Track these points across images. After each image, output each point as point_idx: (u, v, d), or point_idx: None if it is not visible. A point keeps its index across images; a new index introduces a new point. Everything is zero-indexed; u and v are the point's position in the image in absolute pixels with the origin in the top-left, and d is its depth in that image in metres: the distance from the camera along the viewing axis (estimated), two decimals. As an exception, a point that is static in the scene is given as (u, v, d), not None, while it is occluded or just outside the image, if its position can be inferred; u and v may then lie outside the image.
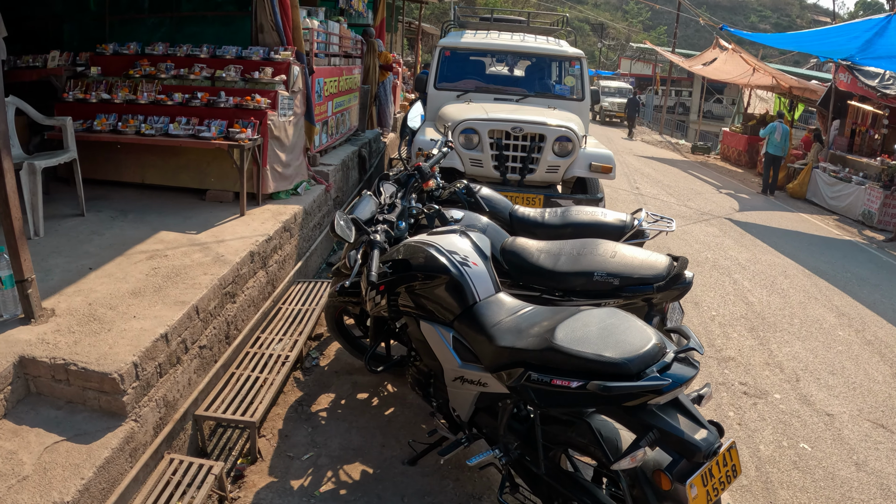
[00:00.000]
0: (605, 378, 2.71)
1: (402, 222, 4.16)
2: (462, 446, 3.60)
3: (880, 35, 13.80)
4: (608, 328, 2.93)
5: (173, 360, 4.09)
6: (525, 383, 2.94)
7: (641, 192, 14.92)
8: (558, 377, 2.83)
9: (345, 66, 10.14)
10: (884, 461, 4.95)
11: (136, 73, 7.21)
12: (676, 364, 2.76)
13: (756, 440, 5.08)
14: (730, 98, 38.83)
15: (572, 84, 9.43)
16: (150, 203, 6.61)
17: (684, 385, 2.71)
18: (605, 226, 5.08)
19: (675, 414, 2.74)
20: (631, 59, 51.73)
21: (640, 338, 2.84)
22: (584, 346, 2.83)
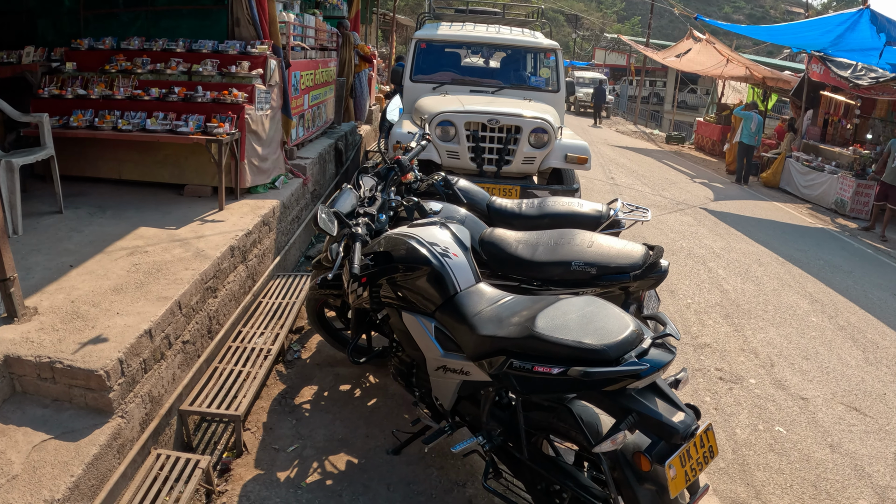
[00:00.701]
0: (586, 364, 2.78)
1: (383, 215, 4.19)
2: (445, 434, 3.65)
3: (851, 29, 13.97)
4: (587, 316, 2.99)
5: (157, 356, 4.11)
6: (507, 371, 3.00)
7: (617, 181, 15.00)
8: (540, 364, 2.89)
9: (321, 59, 10.12)
10: (857, 443, 5.07)
11: (112, 69, 7.18)
12: (654, 349, 2.83)
13: (732, 424, 5.19)
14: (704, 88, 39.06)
15: (547, 75, 9.49)
16: (128, 199, 6.59)
17: (662, 369, 2.78)
18: (582, 216, 5.14)
19: (653, 398, 2.81)
20: (605, 50, 51.79)
21: (618, 325, 2.91)
22: (565, 333, 2.90)
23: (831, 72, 15.79)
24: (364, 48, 13.25)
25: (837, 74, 15.55)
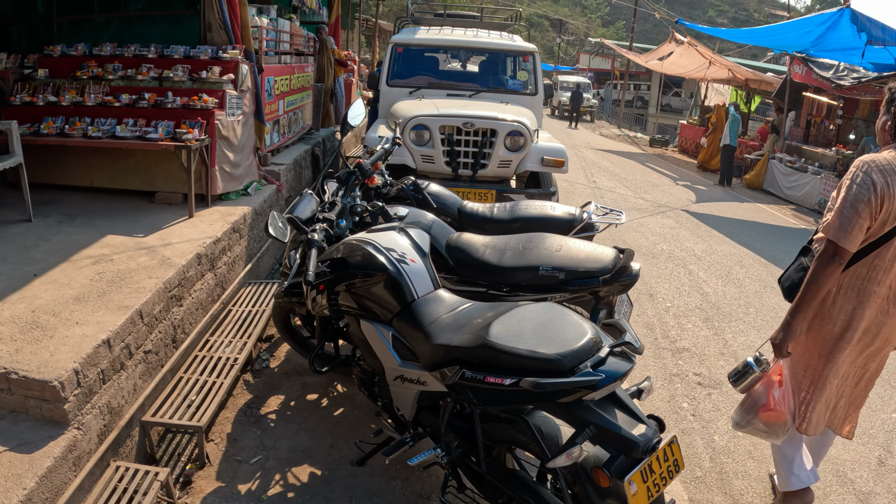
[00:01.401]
0: (539, 374, 2.69)
1: (343, 220, 4.13)
2: (407, 446, 3.58)
3: (832, 29, 14.01)
4: (544, 323, 2.91)
5: (117, 366, 4.03)
6: (461, 381, 2.92)
7: (598, 185, 14.98)
8: (492, 374, 2.81)
9: (297, 65, 10.08)
10: (840, 448, 4.95)
11: (83, 75, 7.11)
12: (612, 359, 2.74)
13: (710, 431, 5.07)
14: (688, 91, 39.20)
15: (525, 79, 9.45)
16: (98, 207, 6.50)
17: (619, 380, 2.69)
18: (554, 219, 5.08)
19: (612, 409, 2.72)
20: (590, 54, 51.96)
21: (575, 333, 2.83)
22: (518, 342, 2.81)
23: (813, 73, 15.84)
24: (338, 53, 13.21)
25: (819, 75, 15.60)
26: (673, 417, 5.13)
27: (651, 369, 5.87)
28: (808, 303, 3.51)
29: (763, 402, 3.73)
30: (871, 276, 3.45)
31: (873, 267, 3.44)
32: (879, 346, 3.59)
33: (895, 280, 3.44)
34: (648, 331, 6.73)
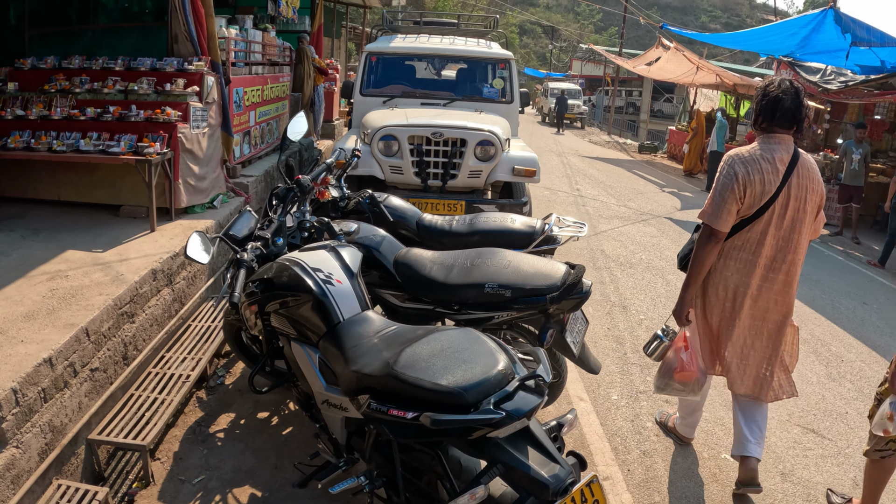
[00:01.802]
0: (441, 408, 2.60)
1: (280, 238, 4.07)
2: (340, 470, 3.48)
3: (817, 30, 13.96)
4: (457, 352, 2.82)
5: (60, 385, 3.98)
6: (369, 411, 2.84)
7: (582, 193, 14.89)
8: (397, 406, 2.72)
9: (270, 75, 10.04)
10: (812, 469, 4.79)
11: (51, 88, 7.09)
12: (521, 393, 2.63)
13: (675, 452, 4.89)
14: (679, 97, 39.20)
15: (501, 86, 9.39)
16: (64, 221, 6.47)
17: (525, 417, 2.58)
18: (514, 232, 5.02)
19: (525, 447, 2.62)
20: (582, 61, 52.07)
21: (485, 364, 2.72)
22: (425, 372, 2.72)
23: (800, 77, 15.74)
24: (319, 61, 13.19)
25: (806, 79, 15.51)
26: (635, 438, 4.98)
27: (618, 386, 5.73)
28: (696, 277, 4.16)
29: (675, 365, 4.27)
30: (747, 248, 4.06)
31: (747, 241, 4.05)
32: (766, 306, 4.14)
33: (769, 251, 4.02)
34: (618, 345, 6.58)
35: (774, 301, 4.15)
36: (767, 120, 4.05)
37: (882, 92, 13.76)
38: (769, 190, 3.91)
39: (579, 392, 5.52)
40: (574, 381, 5.61)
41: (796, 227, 3.99)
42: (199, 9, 7.23)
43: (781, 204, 3.94)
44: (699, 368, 4.27)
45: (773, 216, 3.96)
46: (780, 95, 3.99)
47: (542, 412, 4.91)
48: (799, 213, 3.98)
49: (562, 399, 5.18)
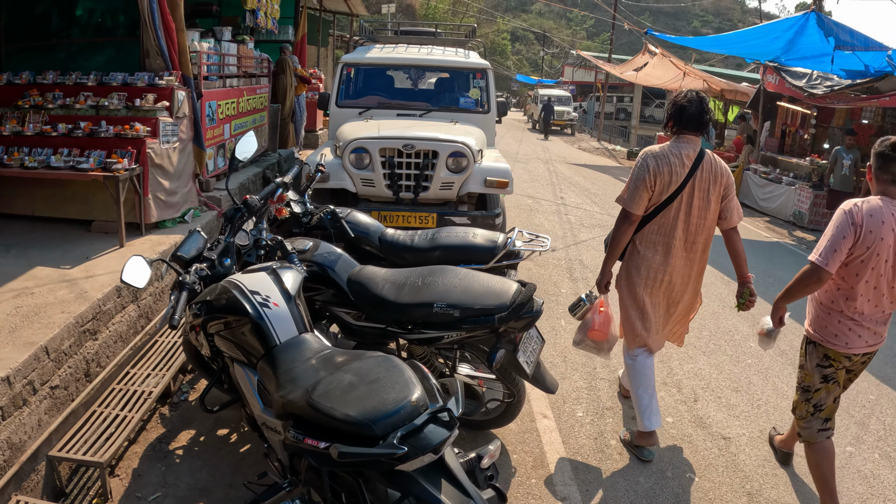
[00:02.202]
0: (352, 439, 2.60)
1: (228, 259, 4.08)
2: (284, 491, 3.49)
3: (801, 34, 13.93)
4: (374, 381, 2.83)
5: (18, 403, 4.01)
6: (289, 437, 2.85)
7: (566, 201, 14.84)
8: (312, 435, 2.73)
9: (246, 87, 10.07)
10: (781, 489, 4.65)
11: (25, 104, 7.14)
12: (430, 426, 2.62)
13: (636, 472, 4.73)
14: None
15: (477, 96, 9.38)
16: (37, 236, 6.52)
17: (432, 452, 2.57)
18: (475, 247, 5.03)
19: (439, 480, 2.62)
20: (573, 67, 52.11)
21: (397, 395, 2.72)
22: (339, 401, 2.73)
23: (786, 82, 15.73)
24: (301, 70, 13.23)
25: (792, 84, 15.49)
26: (597, 456, 4.89)
27: (584, 402, 5.64)
28: (613, 252, 4.84)
29: (590, 325, 4.96)
30: (662, 231, 4.65)
31: (661, 225, 4.65)
32: (682, 281, 4.75)
33: (681, 234, 4.61)
34: (588, 359, 6.39)
35: (689, 276, 4.77)
36: (677, 124, 4.64)
37: (868, 96, 13.72)
38: (676, 180, 4.52)
39: (543, 409, 5.45)
40: (540, 397, 5.54)
41: (702, 213, 4.60)
42: (170, 23, 7.26)
43: (688, 193, 4.56)
44: (610, 333, 4.97)
45: (682, 203, 4.57)
46: (685, 104, 4.57)
47: (502, 431, 4.95)
48: (703, 202, 4.59)
49: (524, 416, 5.16)
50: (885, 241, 3.85)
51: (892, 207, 3.90)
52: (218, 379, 4.22)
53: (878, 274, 3.95)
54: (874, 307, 4.05)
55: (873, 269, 3.93)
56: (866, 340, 4.11)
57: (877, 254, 3.88)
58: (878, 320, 4.10)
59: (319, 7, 19.35)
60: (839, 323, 4.10)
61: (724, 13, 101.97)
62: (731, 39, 17.40)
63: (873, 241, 3.85)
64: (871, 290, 4.01)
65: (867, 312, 4.05)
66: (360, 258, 4.97)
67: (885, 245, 3.86)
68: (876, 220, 3.86)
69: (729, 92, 20.92)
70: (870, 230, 3.85)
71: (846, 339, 4.08)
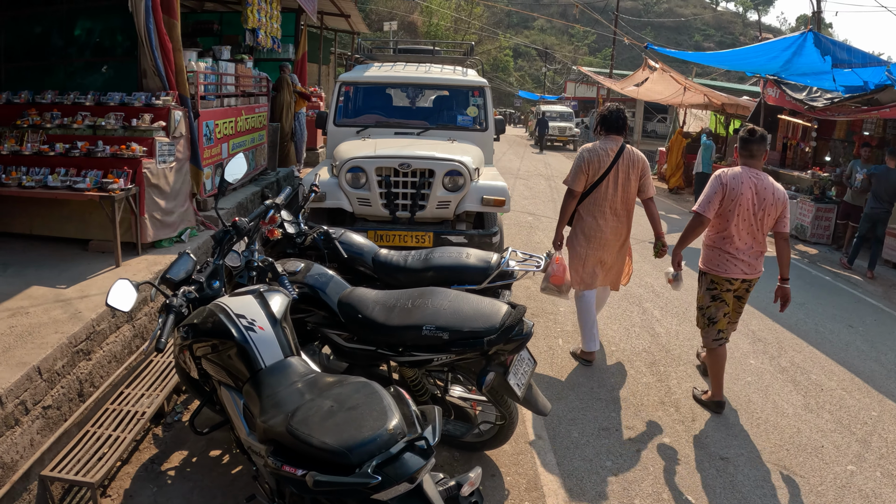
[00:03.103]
0: (328, 467, 2.61)
1: (217, 281, 4.07)
2: None
3: (798, 54, 13.85)
4: (353, 408, 2.83)
5: (10, 422, 4.02)
6: (269, 463, 2.85)
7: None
8: (290, 463, 2.73)
9: (244, 106, 10.13)
10: None
11: (23, 123, 7.18)
12: (407, 455, 2.62)
13: (632, 494, 4.66)
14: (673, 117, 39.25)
15: (475, 114, 9.40)
16: (34, 255, 6.55)
17: (408, 481, 2.58)
18: (468, 268, 5.04)
19: None
20: (575, 83, 52.14)
21: (374, 422, 2.73)
22: (316, 429, 2.73)
23: (787, 95, 15.73)
24: (300, 87, 13.27)
25: (793, 97, 15.48)
26: (592, 479, 4.81)
27: (580, 423, 5.56)
28: (562, 218, 6.64)
29: (551, 274, 6.26)
30: (596, 203, 6.43)
31: (595, 198, 6.42)
32: (613, 236, 6.49)
33: (610, 204, 6.39)
34: (586, 379, 6.39)
35: (618, 233, 6.52)
36: (603, 128, 6.53)
37: (869, 108, 13.69)
38: (603, 166, 6.32)
39: (538, 430, 5.39)
40: (536, 418, 5.50)
41: (625, 188, 6.39)
42: (167, 43, 7.30)
43: (613, 175, 6.35)
44: (565, 279, 6.34)
45: (609, 182, 6.36)
46: (607, 115, 6.50)
47: (496, 453, 4.92)
48: (625, 181, 6.38)
49: (518, 437, 5.12)
50: (745, 195, 5.52)
51: (749, 173, 5.59)
52: (209, 400, 4.24)
53: (743, 219, 5.58)
54: (745, 245, 5.66)
55: (739, 216, 5.57)
56: (742, 269, 5.73)
57: (739, 204, 5.54)
58: (751, 255, 5.71)
59: (321, 25, 19.46)
60: (719, 256, 5.75)
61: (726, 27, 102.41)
62: (730, 56, 17.39)
63: (736, 196, 5.53)
64: (740, 232, 5.62)
65: (741, 248, 5.67)
66: (354, 279, 4.98)
67: (744, 198, 5.53)
68: (737, 181, 5.54)
69: (730, 106, 20.88)
70: (733, 188, 5.53)
71: (725, 267, 5.72)
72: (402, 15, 53.86)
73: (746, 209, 5.54)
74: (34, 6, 8.56)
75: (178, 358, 4.56)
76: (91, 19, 8.57)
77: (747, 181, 5.53)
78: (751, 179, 5.54)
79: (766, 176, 5.66)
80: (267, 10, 11.09)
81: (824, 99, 14.90)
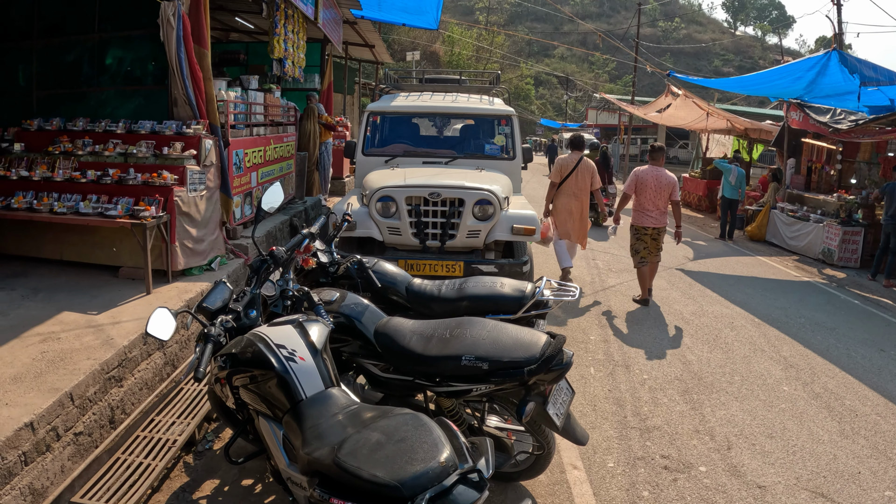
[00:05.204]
0: (379, 500, 2.58)
1: (253, 311, 4.04)
2: None
3: (822, 74, 13.78)
4: (402, 440, 2.80)
5: (42, 448, 4.02)
6: (315, 496, 2.81)
7: (591, 246, 14.70)
8: (338, 496, 2.70)
9: (273, 135, 10.17)
10: None
11: (55, 150, 7.26)
12: (460, 487, 2.61)
13: None
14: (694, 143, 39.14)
15: (502, 143, 9.39)
16: (63, 281, 6.58)
17: None
18: (503, 297, 4.98)
19: None
20: (597, 110, 52.19)
21: (426, 455, 2.70)
22: (366, 462, 2.70)
23: (810, 118, 15.59)
24: (325, 117, 13.33)
25: (816, 120, 15.34)
26: None
27: (614, 453, 5.48)
28: (547, 199, 10.46)
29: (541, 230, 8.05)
30: (566, 189, 10.15)
31: (565, 187, 10.12)
32: (577, 209, 10.19)
33: (574, 190, 10.11)
34: (618, 408, 6.30)
35: (578, 206, 10.21)
36: (570, 147, 10.44)
37: (894, 128, 13.51)
38: (569, 168, 10.05)
39: (573, 459, 5.31)
40: (569, 447, 5.39)
41: (582, 181, 10.14)
42: (198, 73, 7.36)
43: (574, 174, 10.06)
44: (548, 234, 9.58)
45: (572, 178, 10.09)
46: (573, 139, 10.36)
47: (531, 483, 4.84)
48: (582, 177, 10.13)
49: (554, 467, 5.05)
50: (648, 183, 9.60)
51: (652, 169, 9.66)
52: (243, 430, 4.21)
53: (649, 195, 9.64)
54: (653, 208, 9.70)
55: (646, 193, 9.64)
56: (651, 222, 9.74)
57: (647, 186, 9.61)
58: (656, 214, 9.71)
59: (345, 56, 19.60)
60: (639, 216, 9.82)
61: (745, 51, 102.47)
62: (753, 81, 17.31)
63: (644, 183, 9.63)
64: (649, 202, 9.68)
65: (650, 209, 9.70)
66: (387, 308, 4.94)
67: (648, 184, 9.60)
68: (645, 174, 9.65)
69: (753, 131, 20.80)
70: (642, 179, 9.64)
71: (643, 221, 9.78)
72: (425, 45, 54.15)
73: (651, 189, 9.63)
74: (66, 35, 8.69)
75: (212, 387, 4.53)
76: (122, 48, 8.68)
77: (650, 173, 9.70)
78: (653, 172, 9.70)
79: (663, 170, 9.74)
80: (293, 41, 11.19)
81: (849, 121, 14.73)
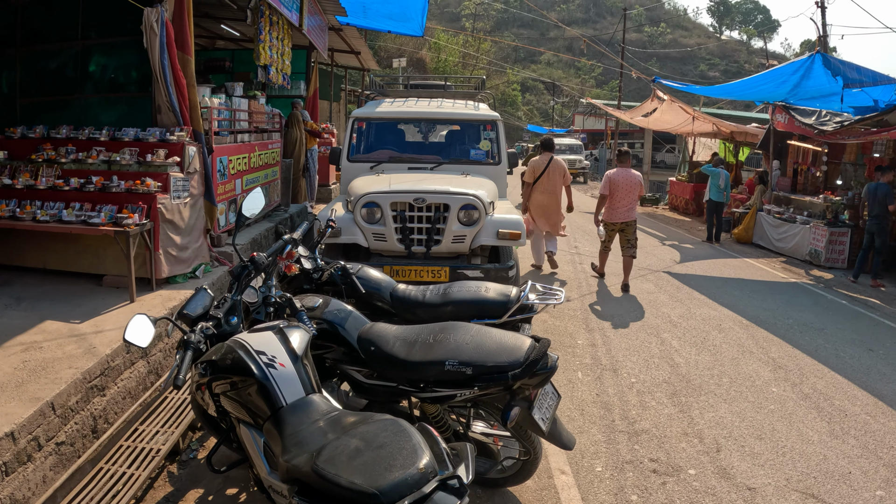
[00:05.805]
0: None
1: (234, 317, 4.00)
2: None
3: (807, 77, 13.87)
4: (381, 447, 2.77)
5: (23, 459, 3.98)
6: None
7: (580, 250, 14.71)
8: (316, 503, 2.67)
9: (258, 142, 10.14)
10: None
11: (38, 158, 7.21)
12: (439, 494, 2.59)
13: None
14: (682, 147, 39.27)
15: (488, 148, 9.38)
16: (47, 289, 6.53)
17: None
18: (487, 302, 4.96)
19: None
20: (584, 115, 52.34)
21: (404, 461, 2.68)
22: (344, 469, 2.67)
23: (796, 120, 15.65)
24: (311, 124, 13.31)
25: (802, 122, 15.41)
26: None
27: (603, 457, 5.45)
28: (525, 197, 12.15)
29: None
30: (539, 187, 11.67)
31: (539, 185, 11.67)
32: (549, 204, 11.73)
33: (547, 188, 11.62)
34: (606, 411, 6.28)
35: (551, 202, 11.64)
36: (542, 148, 11.88)
37: (879, 129, 13.56)
38: (541, 168, 11.53)
39: (561, 464, 5.27)
40: (557, 452, 5.35)
41: (554, 179, 11.62)
42: (181, 79, 7.33)
43: (546, 173, 11.52)
44: (529, 229, 11.06)
45: (545, 177, 11.55)
46: (544, 141, 11.98)
47: (519, 489, 4.81)
48: (553, 176, 11.59)
49: (541, 472, 5.02)
50: (619, 183, 10.88)
51: (621, 171, 11.01)
52: (226, 438, 4.16)
53: (620, 195, 10.91)
54: (622, 206, 10.94)
55: (617, 193, 10.91)
56: (621, 217, 10.97)
57: (618, 186, 10.89)
58: (624, 210, 10.95)
59: (331, 62, 19.58)
60: (611, 212, 11.04)
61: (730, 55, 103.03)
62: (739, 86, 17.39)
63: (616, 184, 10.91)
64: (620, 200, 10.92)
65: (619, 208, 10.95)
66: (372, 314, 4.92)
67: (619, 185, 10.89)
68: (617, 176, 10.96)
69: (738, 134, 20.90)
70: (614, 180, 10.90)
71: (612, 216, 11.02)
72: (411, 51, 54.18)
73: (622, 188, 10.90)
74: (50, 42, 8.65)
75: (194, 395, 4.48)
76: (106, 55, 8.65)
77: (621, 174, 10.98)
78: (623, 173, 10.97)
79: (630, 170, 11.01)
80: (278, 48, 11.16)
81: (834, 122, 14.82)
